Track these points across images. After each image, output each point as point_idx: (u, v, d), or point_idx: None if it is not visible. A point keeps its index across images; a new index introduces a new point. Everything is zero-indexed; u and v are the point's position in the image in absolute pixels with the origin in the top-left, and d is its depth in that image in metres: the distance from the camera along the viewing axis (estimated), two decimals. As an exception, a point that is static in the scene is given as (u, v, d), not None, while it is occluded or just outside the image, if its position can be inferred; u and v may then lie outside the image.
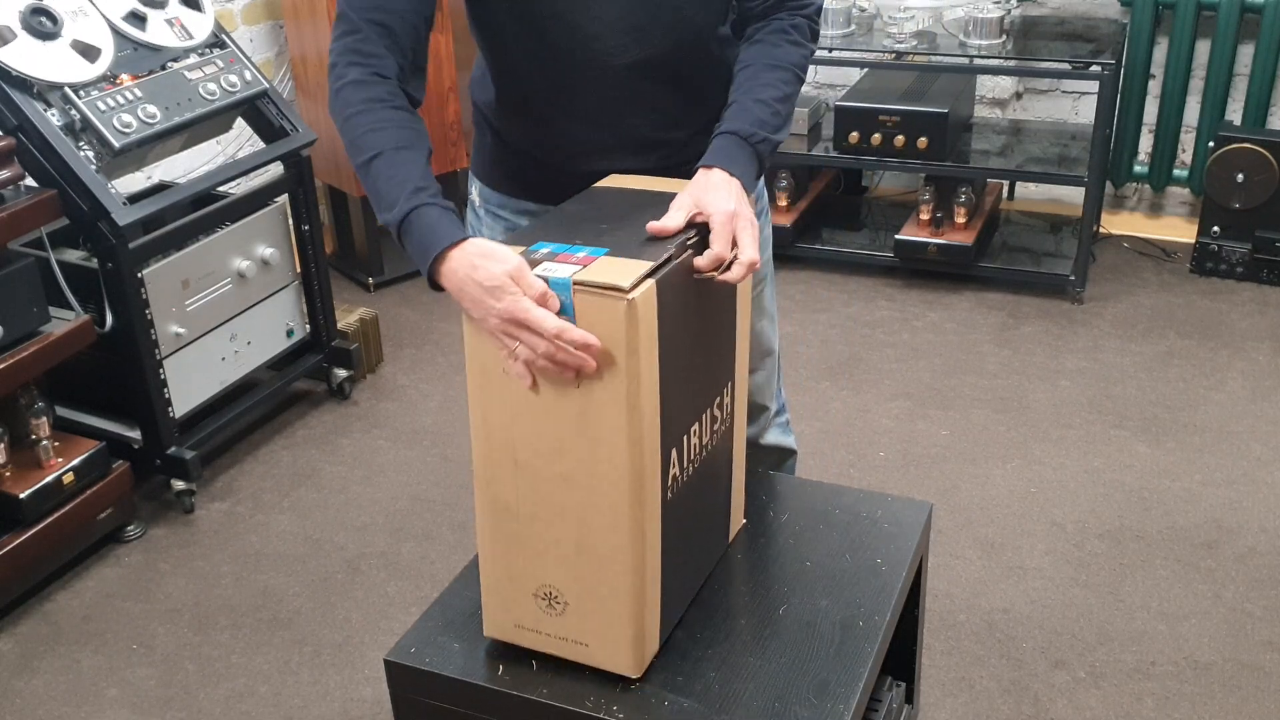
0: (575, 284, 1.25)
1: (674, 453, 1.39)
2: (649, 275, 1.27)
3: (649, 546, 1.37)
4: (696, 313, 1.40)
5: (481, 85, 1.71)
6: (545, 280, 1.27)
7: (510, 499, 1.39)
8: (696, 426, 1.44)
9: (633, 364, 1.26)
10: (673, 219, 1.38)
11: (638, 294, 1.24)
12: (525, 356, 1.28)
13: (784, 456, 1.99)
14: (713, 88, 1.64)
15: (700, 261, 1.37)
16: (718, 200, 1.41)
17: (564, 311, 1.27)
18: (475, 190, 1.79)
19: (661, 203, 1.43)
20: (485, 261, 1.30)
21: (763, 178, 1.76)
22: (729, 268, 1.39)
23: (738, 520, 1.69)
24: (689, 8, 1.57)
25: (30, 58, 2.49)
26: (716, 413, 1.50)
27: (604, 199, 1.53)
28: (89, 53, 2.58)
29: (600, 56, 1.56)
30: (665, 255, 1.32)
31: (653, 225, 1.36)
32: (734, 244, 1.40)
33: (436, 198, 1.39)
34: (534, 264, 1.29)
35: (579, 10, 1.52)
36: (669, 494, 1.39)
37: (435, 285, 1.37)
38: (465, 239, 1.34)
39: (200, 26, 2.83)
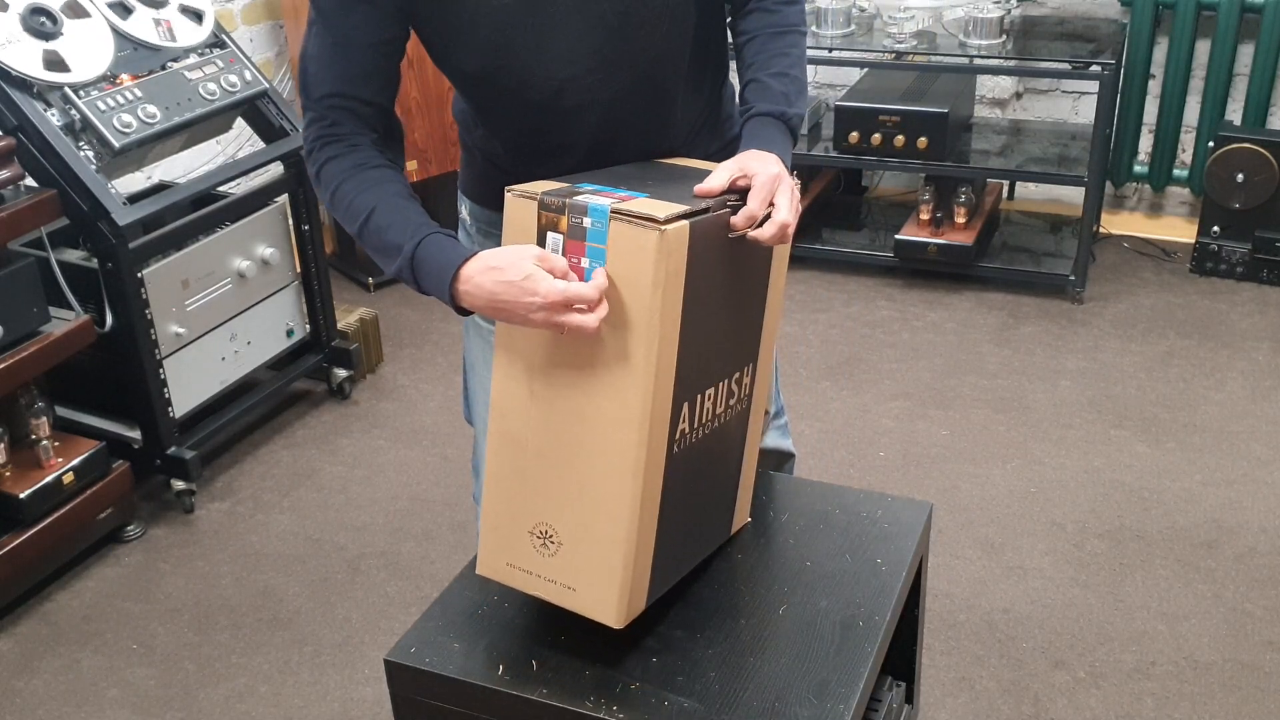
0: (613, 213, 1.28)
1: (685, 407, 1.40)
2: (684, 217, 1.30)
3: (648, 495, 1.38)
4: (727, 276, 1.42)
5: (461, 106, 1.69)
6: (585, 206, 1.30)
7: (521, 433, 1.40)
8: (712, 391, 1.46)
9: (656, 297, 1.28)
10: (717, 178, 1.39)
11: (670, 228, 1.27)
12: (590, 328, 1.29)
13: (782, 460, 1.99)
14: (698, 96, 1.64)
15: (735, 218, 1.38)
16: (763, 164, 1.42)
17: (596, 240, 1.29)
18: (465, 209, 1.78)
19: (707, 174, 1.47)
20: (507, 263, 1.32)
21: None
22: (761, 225, 1.40)
23: (743, 516, 1.69)
24: (659, 27, 1.51)
25: (30, 58, 2.49)
26: (734, 388, 1.51)
27: (652, 167, 1.57)
28: (90, 52, 2.58)
29: (572, 98, 1.53)
30: (704, 206, 1.35)
31: (699, 187, 1.38)
32: (771, 205, 1.41)
33: (438, 228, 1.42)
34: (576, 194, 1.32)
35: (542, 60, 1.49)
36: (675, 447, 1.40)
37: (460, 308, 1.39)
38: (476, 253, 1.36)
39: (200, 27, 2.83)
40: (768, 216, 1.41)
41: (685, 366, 1.37)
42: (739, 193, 1.41)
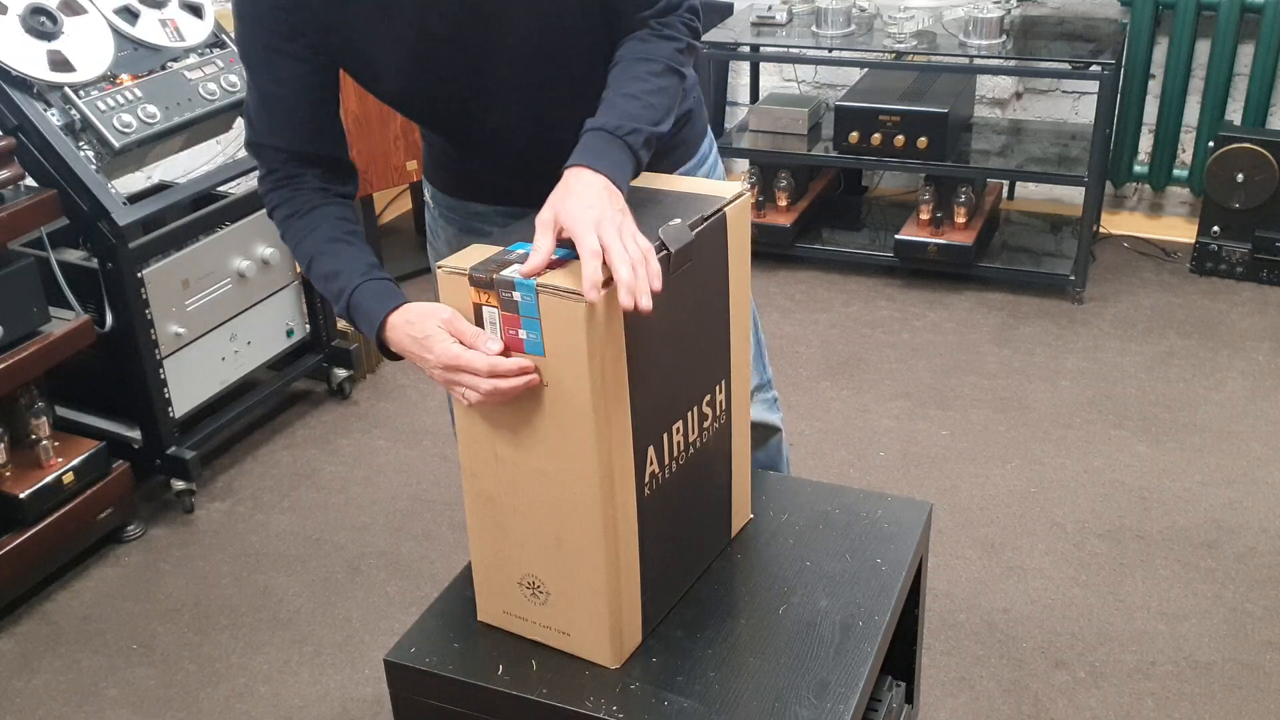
0: (539, 286, 1.26)
1: (651, 450, 1.40)
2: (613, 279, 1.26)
3: (623, 542, 1.39)
4: (676, 310, 1.39)
5: None
6: (512, 282, 1.27)
7: (493, 491, 1.42)
8: (680, 425, 1.45)
9: (594, 366, 1.27)
10: (540, 244, 1.29)
11: (599, 297, 1.24)
12: (473, 399, 1.32)
13: (767, 433, 1.95)
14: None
15: (584, 291, 1.24)
16: (577, 209, 1.30)
17: (529, 313, 1.28)
18: (428, 192, 1.82)
19: (663, 202, 1.43)
20: (418, 318, 1.37)
21: (715, 146, 1.81)
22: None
23: (743, 514, 1.69)
24: (578, 43, 1.54)
25: (30, 58, 2.49)
26: (707, 410, 1.50)
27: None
28: (90, 52, 2.58)
29: (506, 120, 1.57)
30: None
31: (526, 269, 1.27)
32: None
33: (368, 274, 1.47)
34: (506, 265, 1.30)
35: (471, 90, 1.53)
36: (646, 490, 1.40)
37: (389, 354, 1.45)
38: (401, 304, 1.42)
39: (200, 27, 2.83)
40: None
41: (642, 414, 1.36)
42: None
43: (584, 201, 1.31)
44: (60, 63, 2.53)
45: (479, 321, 1.32)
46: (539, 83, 1.56)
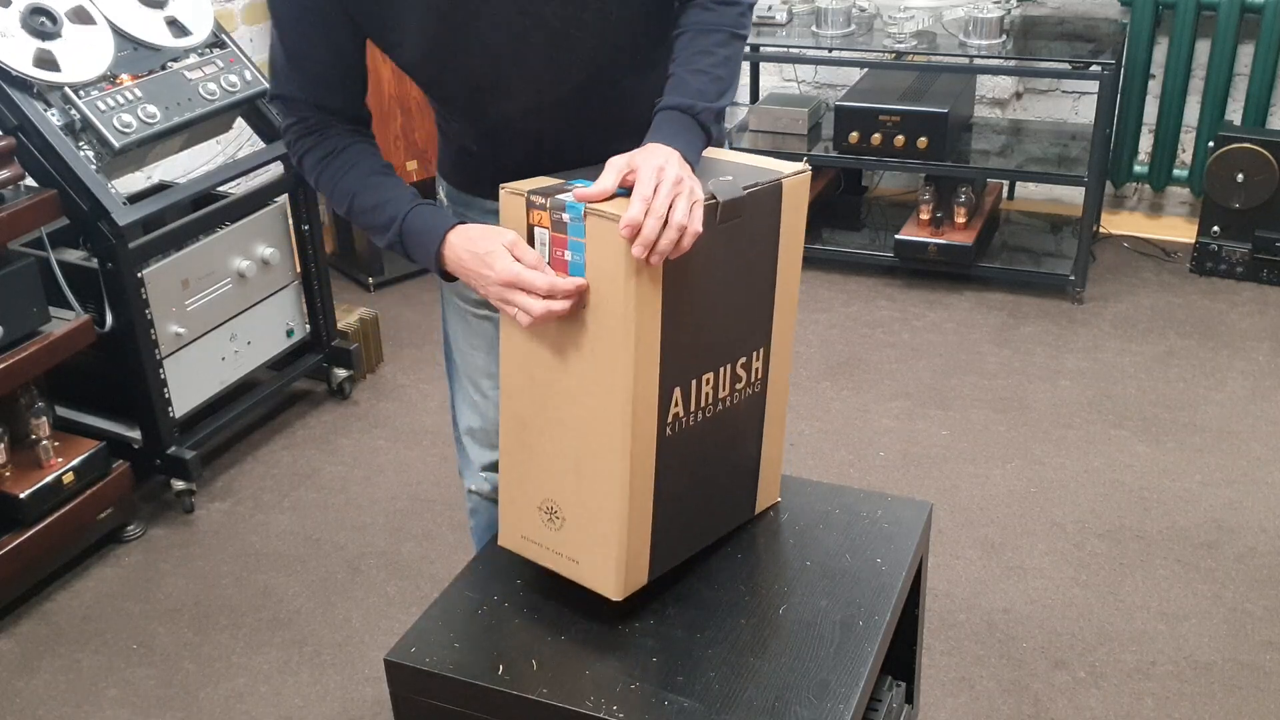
0: (587, 210, 1.33)
1: (677, 392, 1.44)
2: None
3: (639, 474, 1.43)
4: (719, 262, 1.44)
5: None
6: (563, 204, 1.35)
7: (525, 413, 1.49)
8: (712, 376, 1.49)
9: (630, 288, 1.33)
10: (604, 180, 1.37)
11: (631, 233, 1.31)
12: (524, 321, 1.38)
13: None
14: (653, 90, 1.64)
15: (619, 228, 1.31)
16: (649, 158, 1.38)
17: (576, 234, 1.35)
18: (442, 190, 1.82)
19: (726, 168, 1.49)
20: (480, 235, 1.43)
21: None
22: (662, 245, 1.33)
23: (770, 495, 1.72)
24: (608, 30, 1.53)
25: (30, 57, 2.49)
26: (741, 372, 1.54)
27: None
28: (89, 52, 2.58)
29: (524, 99, 1.56)
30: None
31: (580, 192, 1.36)
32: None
33: (418, 200, 1.52)
34: (563, 192, 1.37)
35: (493, 59, 1.52)
36: (669, 430, 1.45)
37: (444, 273, 1.48)
38: (460, 223, 1.47)
39: (200, 27, 2.83)
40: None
41: (673, 352, 1.41)
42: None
43: (659, 154, 1.39)
44: (59, 63, 2.53)
45: (530, 241, 1.40)
46: (564, 65, 1.55)
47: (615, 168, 1.38)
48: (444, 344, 1.91)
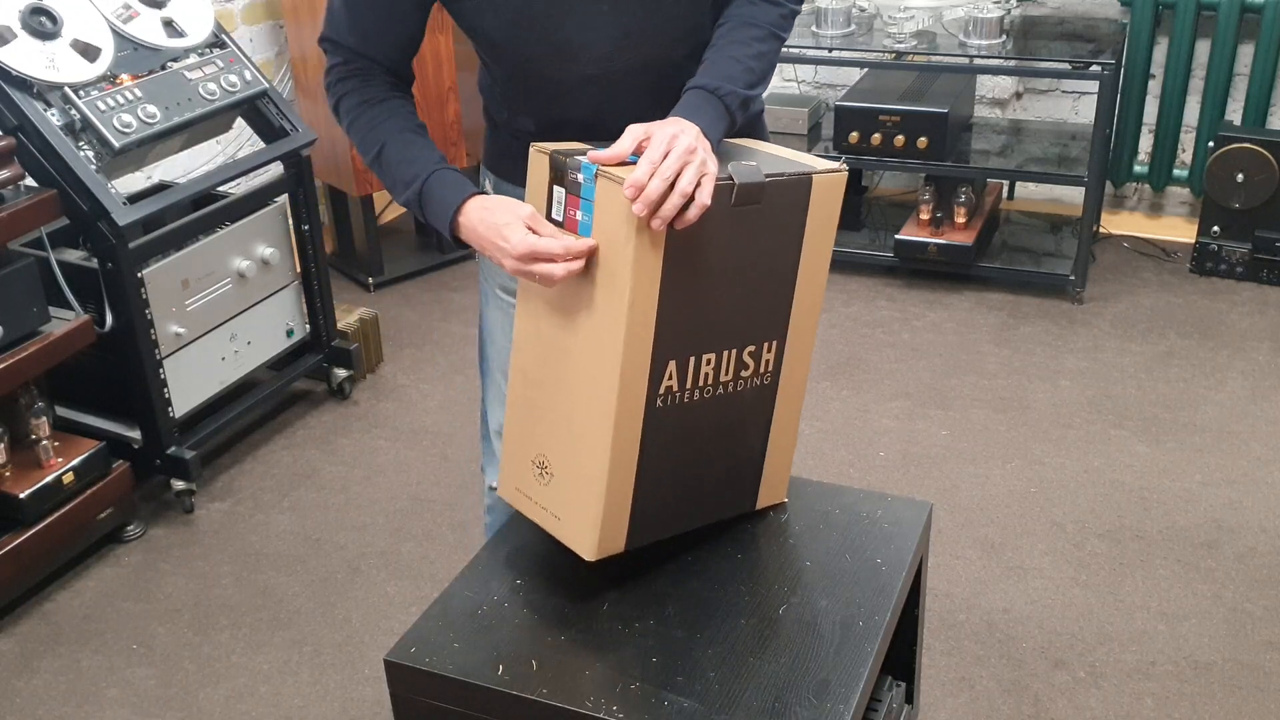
0: (598, 171, 1.36)
1: (672, 364, 1.45)
2: None
3: (623, 437, 1.45)
4: (730, 244, 1.44)
5: (485, 82, 1.74)
6: (579, 164, 1.38)
7: (528, 367, 1.53)
8: (712, 357, 1.50)
9: (629, 252, 1.35)
10: (620, 144, 1.39)
11: (634, 194, 1.33)
12: (548, 285, 1.41)
13: None
14: None
15: (624, 189, 1.34)
16: (664, 128, 1.40)
17: (588, 195, 1.39)
18: (489, 183, 1.83)
19: (760, 156, 1.51)
20: (496, 206, 1.47)
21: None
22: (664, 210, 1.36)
23: (776, 492, 1.72)
24: (671, 7, 1.56)
25: (30, 58, 2.49)
26: (748, 360, 1.54)
27: None
28: (89, 53, 2.59)
29: (591, 67, 1.57)
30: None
31: (595, 154, 1.39)
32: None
33: (443, 164, 1.53)
34: (584, 154, 1.40)
35: (566, 24, 1.53)
36: (659, 401, 1.46)
37: (457, 240, 1.52)
38: (479, 193, 1.49)
39: (200, 27, 2.83)
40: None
41: (670, 324, 1.42)
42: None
43: (676, 125, 1.41)
44: (60, 63, 2.53)
45: (549, 199, 1.44)
46: (629, 34, 1.56)
47: (633, 134, 1.40)
48: (479, 338, 1.91)
